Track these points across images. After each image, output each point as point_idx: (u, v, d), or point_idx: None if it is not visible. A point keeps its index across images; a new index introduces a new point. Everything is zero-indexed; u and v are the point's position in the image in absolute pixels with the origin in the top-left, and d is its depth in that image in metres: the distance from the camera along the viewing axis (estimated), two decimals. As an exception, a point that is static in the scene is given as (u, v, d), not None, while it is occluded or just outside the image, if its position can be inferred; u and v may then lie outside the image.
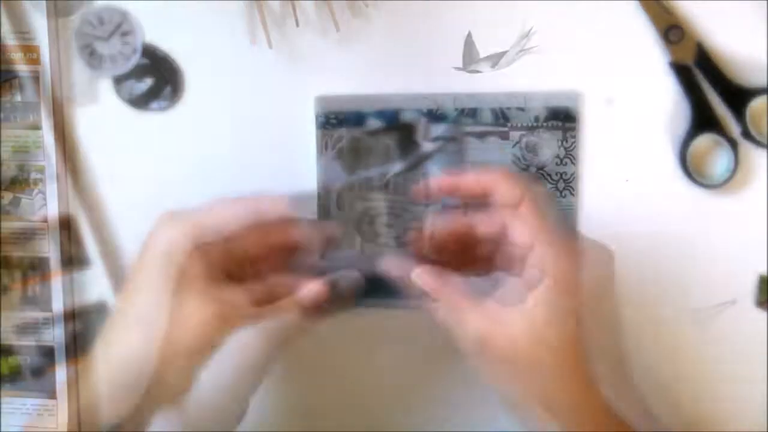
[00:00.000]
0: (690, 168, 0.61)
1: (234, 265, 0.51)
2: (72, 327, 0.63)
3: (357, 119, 0.62)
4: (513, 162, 0.62)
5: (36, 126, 0.62)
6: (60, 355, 0.64)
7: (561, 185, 0.63)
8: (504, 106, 0.62)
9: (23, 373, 0.64)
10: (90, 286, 0.64)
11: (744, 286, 0.64)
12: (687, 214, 0.63)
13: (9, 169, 0.62)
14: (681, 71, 0.61)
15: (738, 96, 0.61)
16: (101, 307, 0.64)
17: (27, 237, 0.63)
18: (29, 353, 0.63)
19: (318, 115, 0.62)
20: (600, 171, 0.63)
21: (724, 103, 0.61)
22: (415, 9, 0.61)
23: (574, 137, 0.62)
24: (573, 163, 0.63)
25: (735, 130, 0.62)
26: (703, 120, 0.61)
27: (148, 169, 0.63)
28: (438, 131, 0.62)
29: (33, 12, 0.60)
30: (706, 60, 0.61)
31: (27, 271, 0.63)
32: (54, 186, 0.62)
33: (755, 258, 0.63)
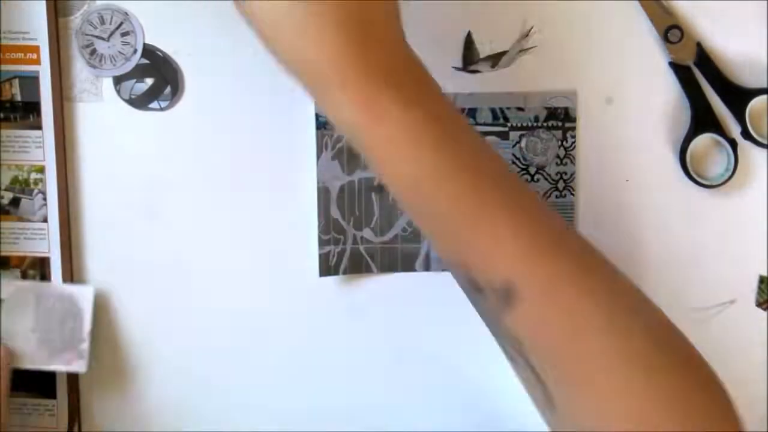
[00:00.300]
0: (690, 168, 0.61)
1: None
2: (72, 327, 0.63)
3: (356, 119, 0.62)
4: (513, 162, 0.62)
5: (36, 126, 0.62)
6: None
7: (561, 185, 0.63)
8: (503, 105, 0.62)
9: (23, 373, 0.64)
10: (90, 285, 0.64)
11: (744, 286, 0.64)
12: (687, 214, 0.63)
13: (9, 169, 0.62)
14: (681, 71, 0.61)
15: (738, 96, 0.61)
16: (101, 306, 0.64)
17: (27, 237, 0.63)
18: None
19: (317, 115, 0.62)
20: (600, 171, 0.63)
21: (724, 103, 0.61)
22: (415, 9, 0.61)
23: (573, 137, 0.62)
24: (572, 163, 0.63)
25: (735, 130, 0.62)
26: (703, 120, 0.61)
27: (148, 169, 0.63)
28: (438, 131, 0.62)
29: (33, 12, 0.60)
30: (706, 60, 0.61)
31: (27, 271, 0.63)
32: (54, 186, 0.62)
33: (755, 258, 0.63)
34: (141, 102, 0.62)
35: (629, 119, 0.62)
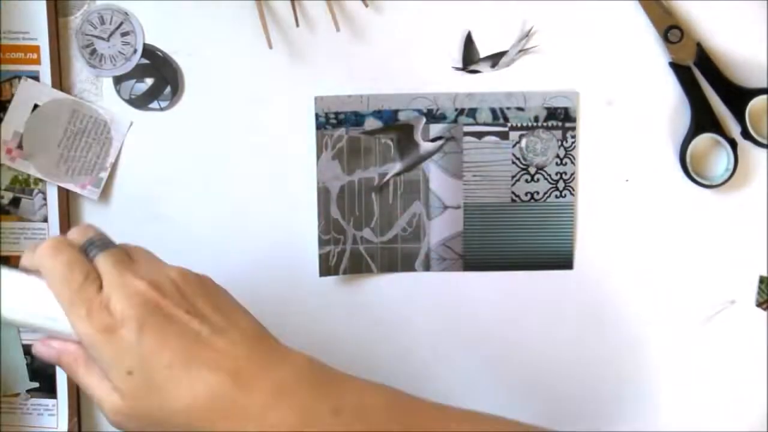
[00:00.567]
0: (690, 168, 0.61)
1: None
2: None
3: (356, 119, 0.62)
4: (513, 162, 0.62)
5: (36, 126, 0.62)
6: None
7: (561, 185, 0.63)
8: (503, 106, 0.62)
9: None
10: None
11: (744, 286, 0.64)
12: (687, 214, 0.63)
13: (9, 169, 0.62)
14: (681, 71, 0.61)
15: (738, 96, 0.61)
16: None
17: (27, 237, 0.63)
18: (29, 352, 0.63)
19: (317, 115, 0.62)
20: (600, 171, 0.63)
21: (724, 103, 0.61)
22: (415, 9, 0.61)
23: (573, 137, 0.62)
24: (572, 163, 0.63)
25: (735, 130, 0.62)
26: (703, 120, 0.61)
27: (148, 169, 0.63)
28: (437, 131, 0.62)
29: (33, 12, 0.60)
30: (706, 60, 0.61)
31: (27, 271, 0.63)
32: (54, 186, 0.62)
33: (755, 258, 0.63)
34: (141, 102, 0.62)
35: (629, 119, 0.62)
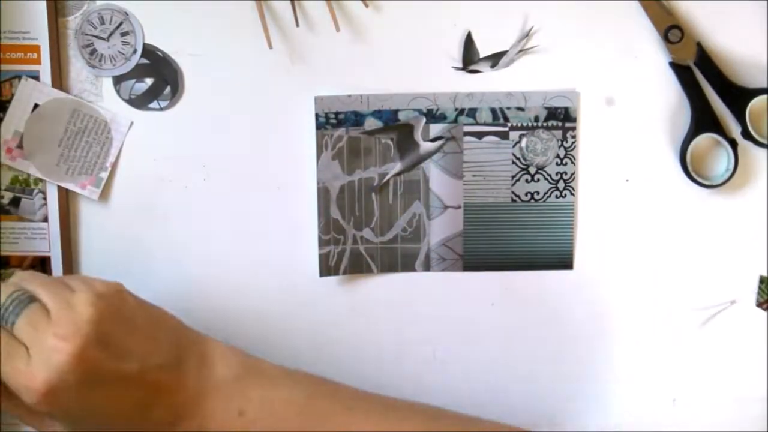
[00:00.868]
0: (690, 168, 0.61)
1: None
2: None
3: (356, 119, 0.62)
4: (513, 162, 0.62)
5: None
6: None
7: (561, 185, 0.63)
8: (503, 105, 0.62)
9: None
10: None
11: (744, 286, 0.64)
12: (687, 214, 0.63)
13: (9, 169, 0.62)
14: (681, 71, 0.61)
15: (738, 96, 0.61)
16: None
17: (27, 237, 0.63)
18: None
19: (317, 115, 0.62)
20: (600, 171, 0.63)
21: (724, 103, 0.61)
22: (415, 9, 0.61)
23: (573, 137, 0.62)
24: (573, 163, 0.63)
25: (735, 130, 0.62)
26: (703, 120, 0.61)
27: (148, 169, 0.63)
28: (437, 131, 0.62)
29: (33, 12, 0.60)
30: (706, 60, 0.61)
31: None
32: (54, 186, 0.62)
33: (755, 258, 0.63)
34: (141, 102, 0.62)
35: (629, 119, 0.62)
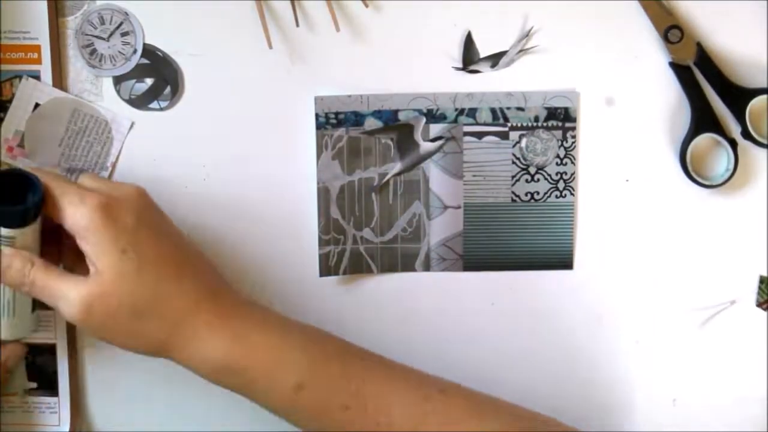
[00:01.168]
0: (690, 168, 0.61)
1: None
2: (72, 324, 0.63)
3: (356, 119, 0.62)
4: (513, 162, 0.62)
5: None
6: (61, 353, 0.64)
7: (561, 185, 0.63)
8: (503, 105, 0.62)
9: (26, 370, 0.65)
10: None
11: (744, 286, 0.64)
12: (687, 214, 0.63)
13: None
14: (681, 71, 0.61)
15: (738, 96, 0.61)
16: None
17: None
18: (30, 351, 0.63)
19: (317, 115, 0.62)
20: (600, 171, 0.63)
21: (724, 103, 0.61)
22: (415, 9, 0.61)
23: (573, 137, 0.62)
24: (572, 163, 0.63)
25: (735, 130, 0.62)
26: (703, 120, 0.61)
27: (148, 169, 0.63)
28: (437, 131, 0.62)
29: (33, 12, 0.60)
30: (706, 60, 0.60)
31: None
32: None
33: (755, 258, 0.63)
34: (141, 102, 0.62)
35: (629, 119, 0.62)
